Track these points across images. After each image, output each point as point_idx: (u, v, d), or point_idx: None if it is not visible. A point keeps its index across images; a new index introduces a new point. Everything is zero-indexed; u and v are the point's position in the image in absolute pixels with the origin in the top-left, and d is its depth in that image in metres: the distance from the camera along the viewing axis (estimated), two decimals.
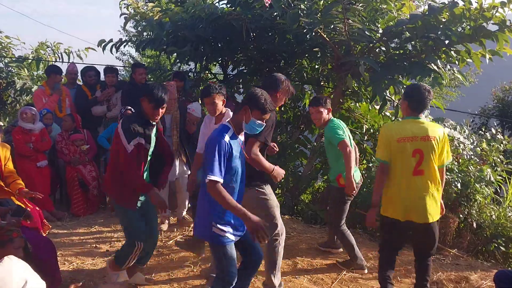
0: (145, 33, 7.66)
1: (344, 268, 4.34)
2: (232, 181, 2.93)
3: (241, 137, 3.09)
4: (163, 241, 5.03)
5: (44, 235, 4.27)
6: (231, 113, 3.89)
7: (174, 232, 5.29)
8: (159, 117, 3.53)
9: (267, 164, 3.39)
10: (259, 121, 2.95)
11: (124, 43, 7.13)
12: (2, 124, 4.79)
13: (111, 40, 6.90)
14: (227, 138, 2.88)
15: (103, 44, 6.89)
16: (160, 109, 3.45)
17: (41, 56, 8.51)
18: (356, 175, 4.22)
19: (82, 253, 4.66)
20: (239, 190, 3.02)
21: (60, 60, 8.51)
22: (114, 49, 6.95)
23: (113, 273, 3.77)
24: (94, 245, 4.88)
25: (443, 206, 3.51)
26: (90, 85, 6.63)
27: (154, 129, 3.61)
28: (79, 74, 6.92)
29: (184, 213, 5.50)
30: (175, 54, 6.74)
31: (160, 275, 4.17)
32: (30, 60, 8.47)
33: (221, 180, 2.78)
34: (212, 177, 2.75)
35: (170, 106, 5.18)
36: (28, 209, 3.66)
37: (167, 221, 5.44)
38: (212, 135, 2.94)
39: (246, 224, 2.78)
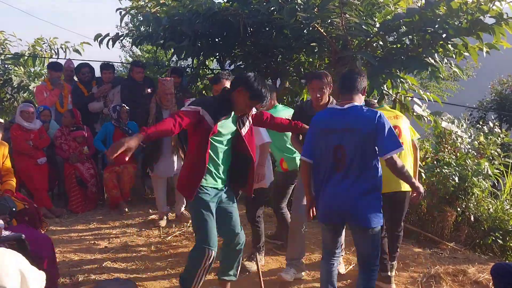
0: (142, 28, 7.62)
1: (270, 241, 4.61)
2: None
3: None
4: (162, 237, 5.04)
5: (42, 232, 4.27)
6: None
7: (173, 228, 5.29)
8: (250, 111, 3.26)
9: None
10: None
11: (121, 38, 7.11)
12: (2, 121, 4.76)
13: (107, 35, 6.88)
14: None
15: (99, 38, 6.87)
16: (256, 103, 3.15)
17: (37, 53, 8.49)
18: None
19: (80, 250, 4.67)
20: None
21: (56, 56, 8.50)
22: (110, 44, 6.94)
23: None
24: (93, 242, 4.88)
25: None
26: (85, 82, 6.61)
27: (233, 125, 3.28)
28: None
29: (183, 208, 5.50)
30: (172, 49, 6.74)
31: (159, 271, 4.18)
32: (26, 57, 8.45)
33: None
34: None
35: (167, 102, 5.18)
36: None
37: (165, 217, 5.45)
38: None
39: None
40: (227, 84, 3.79)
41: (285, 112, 4.40)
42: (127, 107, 5.89)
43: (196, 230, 3.29)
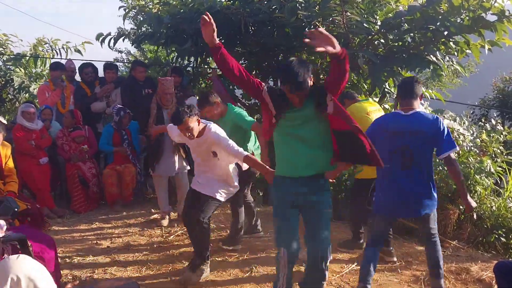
0: (143, 28, 7.61)
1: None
2: None
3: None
4: (164, 236, 5.04)
5: (44, 232, 4.28)
6: (212, 126, 3.83)
7: (175, 227, 5.29)
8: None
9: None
10: None
11: (123, 37, 7.11)
12: (5, 122, 4.76)
13: (109, 34, 6.88)
14: None
15: (101, 38, 6.87)
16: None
17: (39, 53, 8.50)
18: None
19: (82, 249, 4.67)
20: None
21: (59, 56, 8.51)
22: (112, 43, 6.94)
23: None
24: (95, 242, 4.88)
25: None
26: (88, 82, 6.62)
27: None
28: (76, 71, 6.91)
29: None
30: (174, 50, 6.74)
31: (161, 270, 4.18)
32: (28, 58, 8.47)
33: None
34: None
35: (167, 101, 5.18)
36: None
37: (167, 217, 5.45)
38: None
39: None
40: (191, 122, 3.68)
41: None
42: (131, 113, 5.91)
43: None
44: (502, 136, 6.05)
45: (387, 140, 3.47)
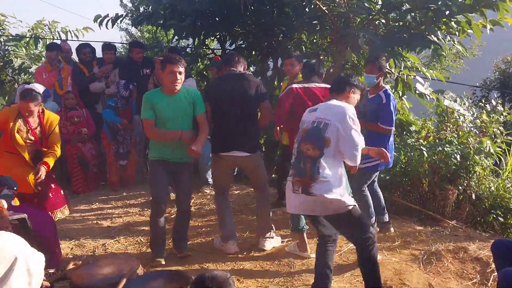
0: (141, 8, 7.54)
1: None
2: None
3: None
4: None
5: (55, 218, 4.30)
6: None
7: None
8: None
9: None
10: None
11: (121, 18, 7.04)
12: (40, 92, 4.58)
13: (107, 15, 6.82)
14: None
15: (99, 19, 6.82)
16: None
17: (39, 34, 8.43)
18: None
19: (83, 229, 4.71)
20: None
21: (58, 38, 8.44)
22: (110, 24, 6.88)
23: None
24: (95, 222, 4.92)
25: None
26: (86, 62, 6.59)
27: None
28: (73, 51, 6.88)
29: None
30: (172, 30, 6.68)
31: None
32: (27, 39, 8.40)
33: None
34: None
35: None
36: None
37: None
38: None
39: None
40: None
41: None
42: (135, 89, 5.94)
43: None
44: (502, 117, 6.03)
45: None
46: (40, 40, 8.39)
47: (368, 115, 4.25)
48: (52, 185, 4.53)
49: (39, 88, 4.40)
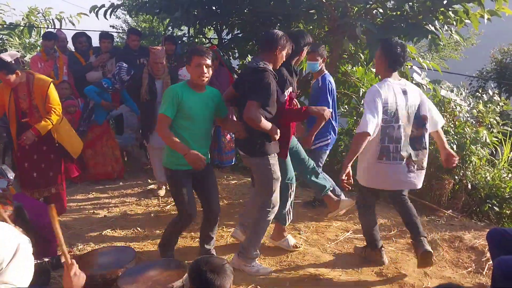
0: None
1: None
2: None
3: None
4: (161, 206, 5.07)
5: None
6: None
7: (171, 197, 5.31)
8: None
9: (264, 123, 3.29)
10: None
11: (116, 8, 6.99)
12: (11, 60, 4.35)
13: (103, 6, 6.78)
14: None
15: (95, 9, 6.77)
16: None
17: (33, 23, 8.36)
18: None
19: (79, 219, 4.70)
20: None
21: (52, 27, 8.37)
22: (108, 15, 6.85)
23: None
24: (92, 211, 4.91)
25: None
26: (82, 51, 6.54)
27: None
28: (68, 40, 6.82)
29: None
30: (168, 19, 6.64)
31: (158, 239, 4.21)
32: (21, 27, 8.33)
33: None
34: None
35: (158, 71, 5.09)
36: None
37: (164, 187, 5.47)
38: None
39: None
40: None
41: None
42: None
43: None
44: (498, 107, 6.05)
45: None
46: (34, 28, 8.31)
47: (311, 98, 4.71)
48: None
49: (6, 56, 4.08)
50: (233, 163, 6.23)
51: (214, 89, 3.68)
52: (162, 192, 5.39)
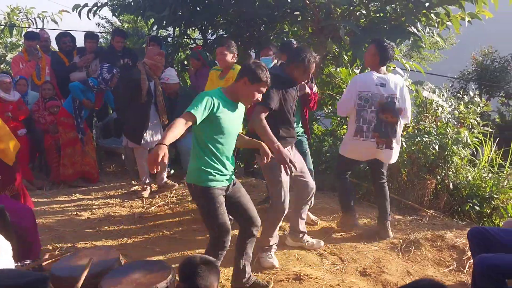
0: None
1: None
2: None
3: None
4: (145, 208, 5.04)
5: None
6: None
7: (156, 198, 5.30)
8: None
9: (270, 135, 3.24)
10: None
11: (100, 7, 6.93)
12: None
13: (86, 5, 6.72)
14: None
15: (78, 8, 6.71)
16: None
17: (14, 22, 8.24)
18: None
19: (63, 221, 4.65)
20: None
21: (34, 26, 8.26)
22: (91, 14, 6.79)
23: None
24: (75, 213, 4.86)
25: None
26: (66, 51, 6.48)
27: None
28: (51, 40, 6.75)
29: (165, 177, 5.50)
30: (152, 19, 6.60)
31: (142, 240, 4.20)
32: (2, 27, 8.20)
33: None
34: None
35: (158, 72, 5.14)
36: None
37: (148, 188, 5.44)
38: None
39: None
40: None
41: None
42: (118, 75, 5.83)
43: None
44: (479, 108, 6.14)
45: None
46: (15, 27, 8.20)
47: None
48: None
49: None
50: None
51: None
52: (146, 194, 5.36)
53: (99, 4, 6.99)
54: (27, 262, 3.17)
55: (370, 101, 4.01)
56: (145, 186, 5.43)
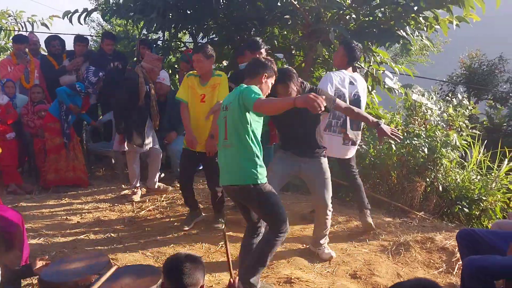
0: (111, 1, 7.41)
1: None
2: None
3: None
4: (135, 212, 5.01)
5: None
6: None
7: (146, 202, 5.27)
8: None
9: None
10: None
11: (90, 12, 6.91)
12: None
13: (76, 11, 6.70)
14: None
15: (68, 15, 6.68)
16: None
17: (2, 26, 8.18)
18: None
19: (52, 225, 4.61)
20: None
21: (24, 30, 8.21)
22: (82, 20, 6.77)
23: None
24: (65, 217, 4.82)
25: None
26: (55, 54, 6.44)
27: None
28: (40, 43, 6.71)
29: (157, 181, 5.49)
30: (142, 23, 6.59)
31: (133, 245, 4.18)
32: None
33: None
34: None
35: (155, 76, 5.16)
36: None
37: (139, 192, 5.41)
38: None
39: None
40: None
41: None
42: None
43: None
44: (467, 110, 6.21)
45: None
46: (2, 30, 8.14)
47: None
48: None
49: None
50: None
51: None
52: (136, 198, 5.33)
53: (89, 9, 6.95)
54: (16, 268, 3.14)
55: (342, 98, 4.14)
56: (135, 190, 5.40)
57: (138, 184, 5.42)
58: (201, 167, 5.01)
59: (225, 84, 4.34)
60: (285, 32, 6.80)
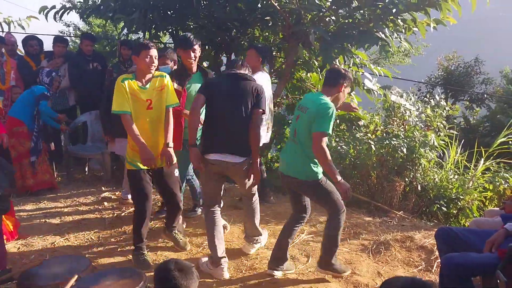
0: (90, 0, 7.33)
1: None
2: None
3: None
4: (116, 214, 4.96)
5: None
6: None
7: (126, 204, 5.22)
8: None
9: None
10: None
11: (68, 10, 6.80)
12: None
13: (53, 7, 6.58)
14: None
15: (45, 10, 6.56)
16: None
17: None
18: None
19: (30, 228, 4.53)
20: None
21: (0, 30, 8.05)
22: (57, 17, 6.65)
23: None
24: (44, 220, 4.75)
25: None
26: (33, 55, 6.34)
27: None
28: (18, 44, 6.60)
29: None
30: (122, 23, 6.52)
31: (113, 247, 4.14)
32: None
33: None
34: None
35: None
36: None
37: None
38: None
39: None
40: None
41: None
42: (60, 78, 5.80)
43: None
44: (445, 111, 6.33)
45: None
46: None
47: None
48: None
49: None
50: None
51: None
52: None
53: (67, 6, 6.85)
54: None
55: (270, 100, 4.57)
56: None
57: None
58: None
59: (171, 85, 3.83)
60: (266, 34, 6.81)
